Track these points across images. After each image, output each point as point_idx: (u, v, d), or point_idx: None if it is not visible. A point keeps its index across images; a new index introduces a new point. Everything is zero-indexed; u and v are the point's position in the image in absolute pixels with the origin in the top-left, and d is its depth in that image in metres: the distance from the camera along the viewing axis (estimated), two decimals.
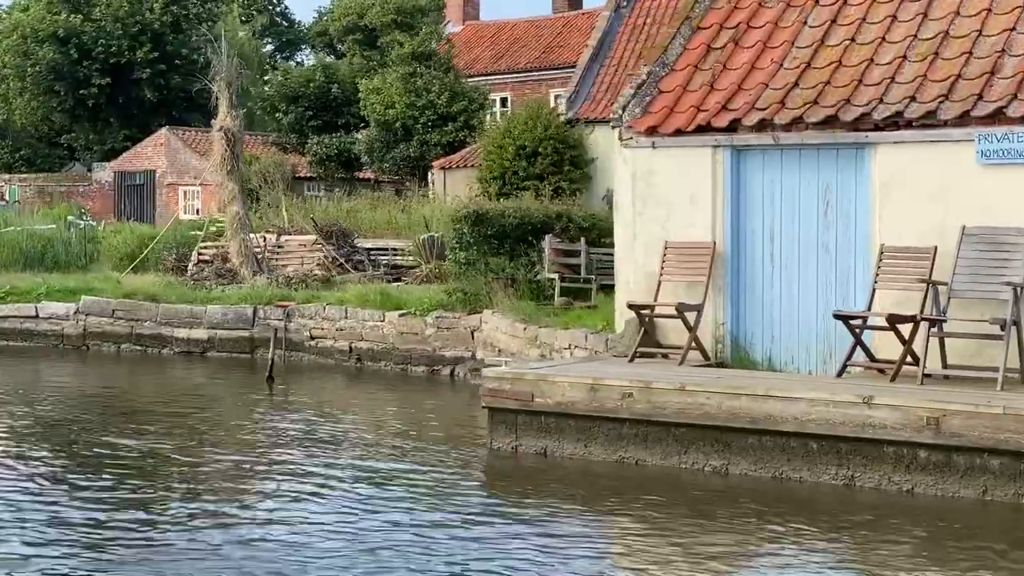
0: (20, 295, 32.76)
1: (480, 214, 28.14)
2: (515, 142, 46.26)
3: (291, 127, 56.77)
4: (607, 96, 47.68)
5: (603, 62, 48.75)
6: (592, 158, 46.97)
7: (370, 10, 79.29)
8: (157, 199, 61.75)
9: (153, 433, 21.01)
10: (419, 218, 41.81)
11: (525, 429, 19.26)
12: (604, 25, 49.51)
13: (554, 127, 46.47)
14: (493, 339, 26.80)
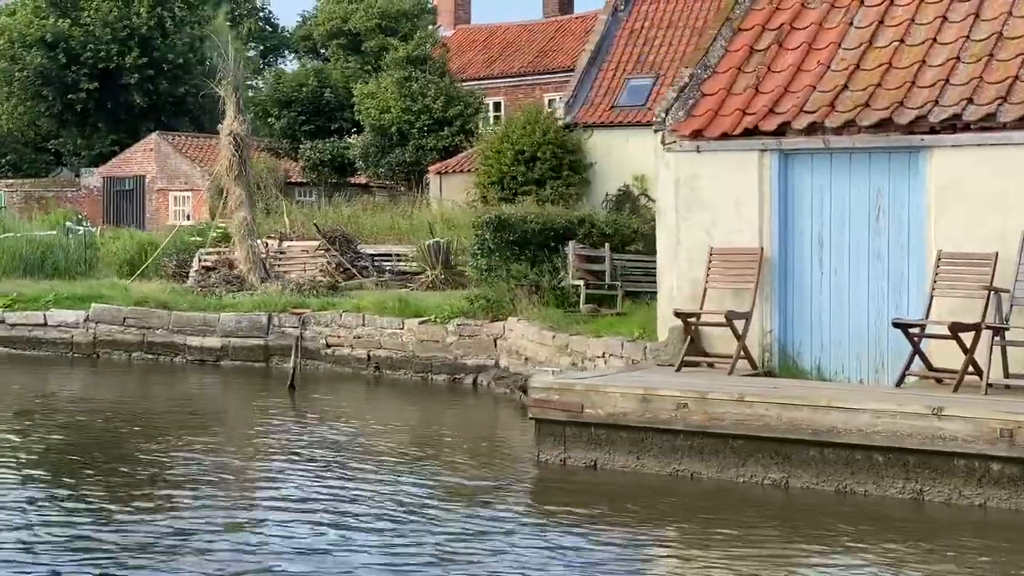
0: (27, 302, 31.94)
1: (502, 220, 27.44)
2: (513, 147, 45.67)
3: (283, 132, 55.95)
4: (605, 100, 47.16)
5: (601, 66, 48.14)
6: (591, 162, 46.38)
7: (354, 15, 78.60)
8: (147, 205, 60.82)
9: (189, 447, 20.22)
10: (420, 223, 41.13)
11: (574, 441, 18.59)
12: (602, 29, 48.90)
13: (553, 131, 45.86)
14: (519, 347, 26.10)
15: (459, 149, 50.12)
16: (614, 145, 46.36)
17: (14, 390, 26.66)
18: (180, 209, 59.96)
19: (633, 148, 45.98)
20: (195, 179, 58.87)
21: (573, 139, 46.42)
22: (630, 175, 46.11)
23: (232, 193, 34.46)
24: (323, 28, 79.44)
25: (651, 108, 45.65)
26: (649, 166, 45.63)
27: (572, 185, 45.73)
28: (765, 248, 19.98)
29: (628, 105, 46.82)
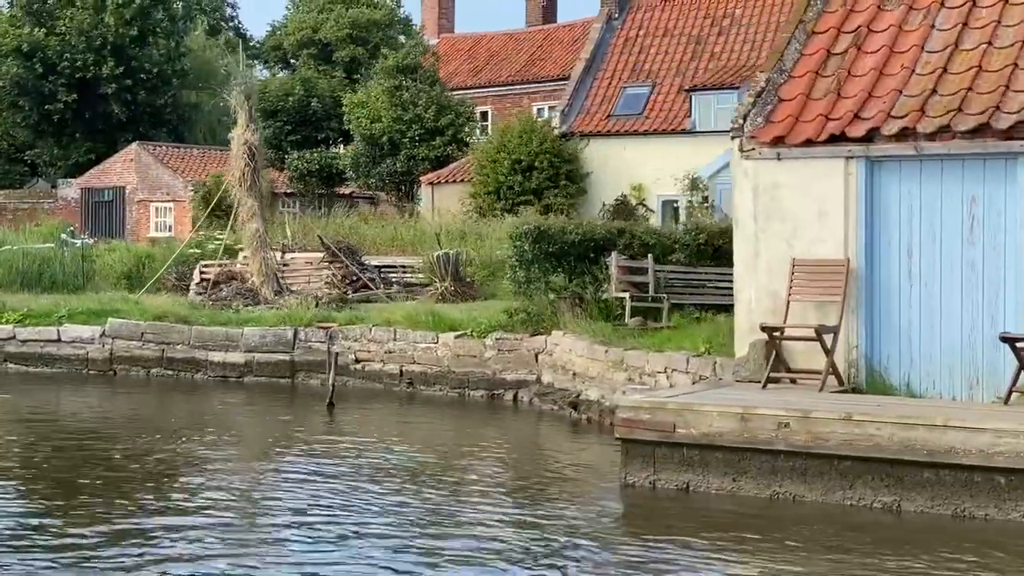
0: (39, 317, 30.56)
1: (541, 230, 26.33)
2: (510, 156, 44.70)
3: (268, 142, 54.52)
4: (601, 109, 46.26)
5: (596, 75, 47.24)
6: (587, 172, 45.39)
7: (324, 24, 77.62)
8: (127, 216, 59.32)
9: (240, 473, 19.01)
10: (423, 234, 40.00)
11: (664, 462, 17.52)
12: (596, 37, 48.03)
13: (549, 141, 44.90)
14: (565, 362, 25.01)
15: (451, 159, 48.97)
16: (611, 154, 45.48)
17: (32, 409, 25.28)
18: (162, 220, 58.51)
19: (630, 157, 45.15)
20: (177, 190, 57.47)
21: (569, 148, 45.52)
22: (627, 185, 45.23)
23: (243, 204, 33.20)
24: (293, 38, 78.48)
25: (647, 116, 44.81)
26: (646, 174, 44.98)
27: (570, 195, 44.78)
28: (851, 259, 18.92)
29: (624, 114, 45.98)
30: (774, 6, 46.18)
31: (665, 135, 44.75)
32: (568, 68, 52.81)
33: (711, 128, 44.00)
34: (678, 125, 44.53)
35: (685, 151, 43.93)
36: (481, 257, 36.99)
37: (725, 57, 45.57)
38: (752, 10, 46.47)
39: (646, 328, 24.38)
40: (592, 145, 45.54)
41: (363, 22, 78.15)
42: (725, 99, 44.18)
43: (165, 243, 42.03)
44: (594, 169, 45.36)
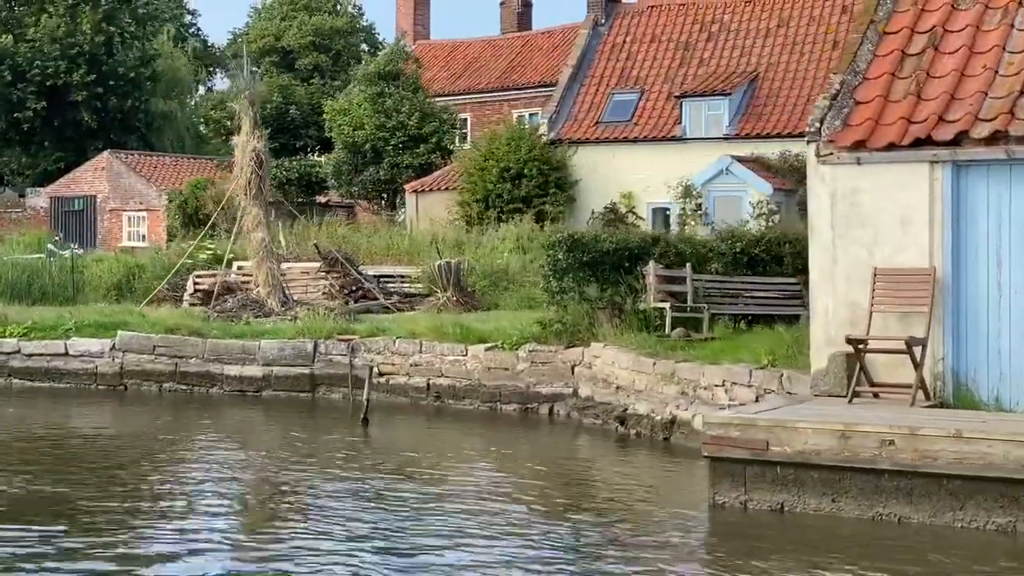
0: (44, 331, 29.15)
1: (575, 239, 25.23)
2: (498, 164, 43.59)
3: None
4: (589, 116, 45.26)
5: (583, 81, 46.19)
6: (575, 180, 44.34)
7: (287, 32, 76.36)
8: (98, 225, 57.74)
9: (341, 498, 17.83)
10: (416, 243, 38.88)
11: (756, 482, 16.49)
12: (583, 43, 46.97)
13: (538, 148, 43.83)
14: (607, 374, 23.94)
15: (434, 167, 47.80)
16: (599, 161, 44.45)
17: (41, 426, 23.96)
18: (135, 230, 56.99)
19: (619, 164, 44.15)
20: (151, 199, 55.98)
21: (558, 156, 44.41)
22: (616, 192, 44.21)
23: (249, 213, 31.97)
24: (255, 45, 77.14)
25: (636, 123, 43.85)
26: (635, 182, 43.96)
27: (559, 203, 43.75)
28: (936, 268, 17.94)
29: (613, 120, 44.96)
30: (763, 12, 45.29)
31: (655, 142, 43.74)
32: (549, 75, 51.82)
33: (702, 135, 43.12)
34: (668, 132, 43.53)
35: (675, 158, 42.95)
36: (482, 267, 35.84)
37: (714, 63, 44.64)
38: (741, 16, 45.56)
39: (690, 340, 23.33)
40: (580, 152, 44.50)
41: (326, 30, 77.06)
42: (716, 105, 43.28)
43: (156, 252, 40.39)
44: (582, 177, 44.31)
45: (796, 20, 44.61)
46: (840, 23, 43.88)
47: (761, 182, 40.64)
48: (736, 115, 42.66)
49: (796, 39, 44.17)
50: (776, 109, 42.64)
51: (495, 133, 46.00)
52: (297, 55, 76.47)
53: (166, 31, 71.79)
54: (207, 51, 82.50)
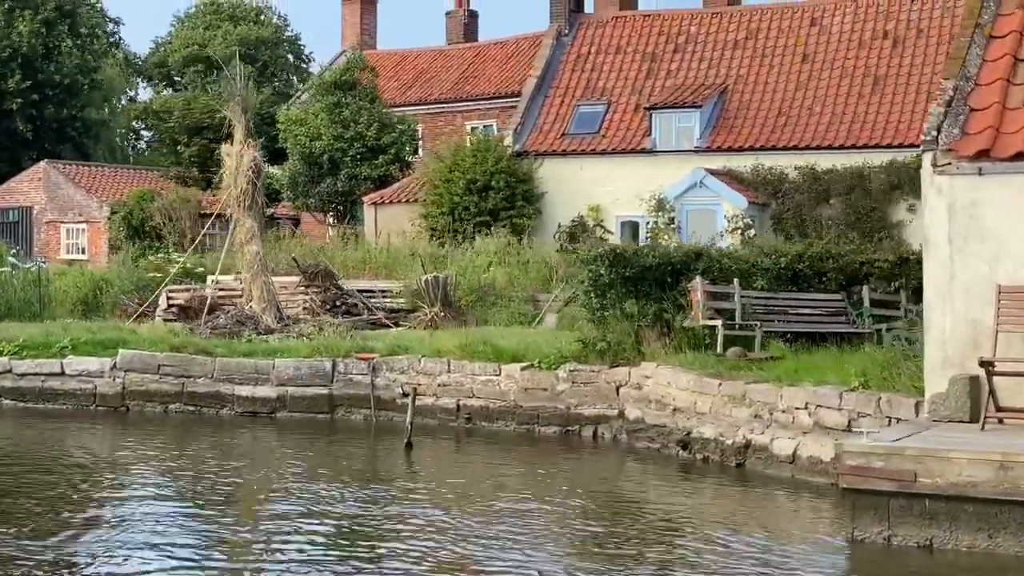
0: (38, 349, 27.11)
1: (618, 253, 23.77)
2: (464, 175, 42.03)
3: (193, 160, 51.13)
4: (555, 127, 43.86)
5: (547, 92, 44.74)
6: (542, 192, 42.89)
7: (212, 41, 74.30)
8: (35, 237, 55.31)
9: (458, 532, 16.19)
10: (395, 257, 37.26)
11: (902, 516, 15.12)
12: (547, 54, 45.54)
13: (505, 160, 42.34)
14: (661, 395, 22.46)
15: (392, 178, 46.10)
16: (566, 174, 43.05)
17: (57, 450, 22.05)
18: (74, 242, 54.64)
19: (587, 177, 42.83)
20: (91, 210, 53.71)
21: (524, 168, 42.94)
22: (584, 205, 42.87)
23: (242, 225, 30.14)
24: (179, 55, 75.10)
25: (604, 135, 42.53)
26: (604, 195, 42.58)
27: (526, 216, 42.28)
28: None
29: (580, 132, 43.57)
30: (731, 24, 44.17)
31: (623, 154, 42.40)
32: (503, 86, 50.32)
33: (672, 147, 41.86)
34: (637, 144, 42.21)
35: (645, 171, 41.70)
36: (468, 281, 34.34)
37: (682, 75, 43.41)
38: (708, 28, 44.41)
39: (750, 359, 21.91)
40: (547, 164, 43.07)
41: (251, 39, 75.11)
42: (687, 117, 42.01)
43: (119, 265, 38.31)
44: (549, 189, 42.89)
45: (764, 32, 43.54)
46: (809, 35, 42.83)
47: (736, 195, 39.50)
48: (707, 128, 41.43)
49: (765, 51, 43.10)
50: (747, 122, 41.49)
51: (459, 144, 44.46)
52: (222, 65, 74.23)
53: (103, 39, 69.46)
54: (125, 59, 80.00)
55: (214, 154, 50.33)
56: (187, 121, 51.13)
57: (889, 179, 38.72)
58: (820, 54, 42.30)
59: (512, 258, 37.33)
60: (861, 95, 40.64)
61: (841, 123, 40.27)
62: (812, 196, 39.60)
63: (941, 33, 41.04)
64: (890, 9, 42.31)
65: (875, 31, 42.02)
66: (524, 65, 50.54)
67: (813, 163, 39.60)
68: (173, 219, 47.88)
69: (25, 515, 16.40)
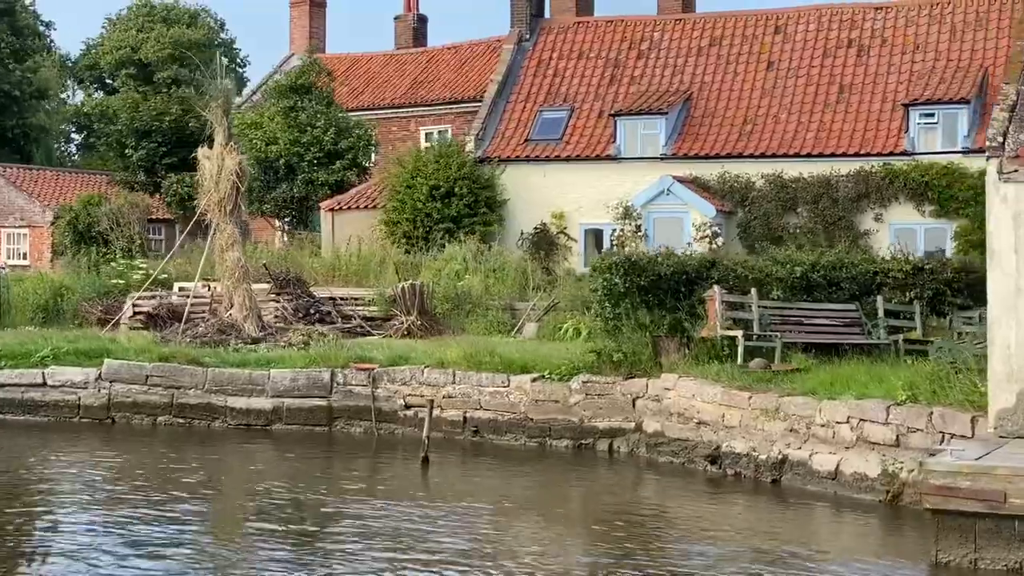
0: (16, 358, 25.80)
1: (632, 261, 22.90)
2: (427, 181, 40.99)
3: (141, 164, 49.68)
4: (517, 133, 42.89)
5: (509, 97, 43.80)
6: (504, 199, 41.95)
7: (145, 44, 72.79)
8: None
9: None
10: (366, 264, 36.18)
11: (989, 539, 14.46)
12: (508, 58, 44.56)
13: (468, 166, 41.39)
14: (684, 408, 21.61)
15: (348, 184, 45.00)
16: (529, 181, 42.11)
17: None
18: (15, 247, 52.98)
19: (550, 184, 41.91)
20: (33, 215, 52.12)
21: (486, 174, 41.99)
22: (547, 212, 41.92)
23: (223, 231, 28.94)
24: (111, 57, 73.53)
25: (568, 141, 41.71)
26: (567, 202, 41.72)
27: (488, 223, 41.34)
28: None
29: (543, 139, 42.62)
30: (694, 31, 43.46)
31: (587, 161, 41.53)
32: (458, 91, 49.37)
33: (637, 154, 41.01)
34: (602, 151, 41.37)
35: (610, 178, 40.90)
36: (443, 289, 33.39)
37: (646, 82, 42.63)
38: (671, 34, 43.66)
39: (776, 371, 21.11)
40: (509, 171, 42.08)
41: (185, 42, 73.65)
42: (652, 124, 41.20)
43: (86, 272, 36.88)
44: (511, 196, 41.92)
45: (728, 39, 42.86)
46: (774, 43, 42.23)
47: (704, 203, 38.80)
48: (672, 135, 40.69)
49: (729, 58, 42.42)
50: (713, 130, 40.78)
51: (420, 150, 43.45)
52: (155, 68, 72.91)
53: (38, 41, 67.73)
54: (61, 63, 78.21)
55: (162, 158, 49.23)
56: (135, 124, 49.62)
57: (856, 188, 38.12)
58: (785, 62, 41.66)
59: (483, 265, 36.38)
60: (827, 103, 40.03)
61: (808, 131, 39.62)
62: (779, 204, 38.92)
63: (905, 42, 40.49)
64: (854, 18, 41.77)
65: (839, 39, 41.45)
66: (479, 70, 49.62)
67: (780, 171, 38.91)
68: (121, 224, 46.38)
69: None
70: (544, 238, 41.79)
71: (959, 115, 37.57)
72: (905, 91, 39.07)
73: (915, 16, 40.94)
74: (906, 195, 37.52)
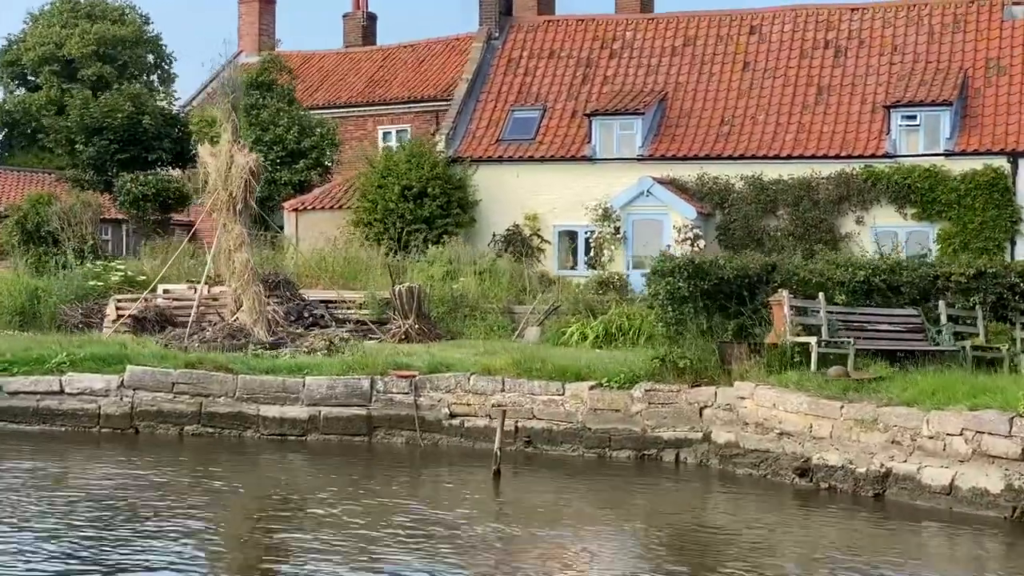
0: (30, 364, 23.98)
1: (697, 264, 21.68)
2: (399, 182, 39.58)
3: (91, 162, 47.55)
4: (488, 133, 41.63)
5: (479, 97, 42.49)
6: (476, 200, 40.63)
7: (69, 40, 70.59)
8: None
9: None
10: (354, 267, 34.65)
11: None
12: (477, 57, 43.25)
13: (440, 167, 40.03)
14: (764, 418, 20.40)
15: (311, 184, 43.40)
16: (502, 181, 40.85)
17: None
18: None
19: (523, 185, 40.67)
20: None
21: (457, 175, 40.66)
22: (520, 214, 40.68)
23: (230, 231, 27.32)
24: (33, 53, 71.10)
25: (541, 142, 40.50)
26: (541, 203, 40.44)
27: (461, 224, 40.04)
28: None
29: (515, 139, 41.35)
30: (667, 30, 42.42)
31: (562, 161, 40.32)
32: (417, 90, 47.98)
33: (613, 155, 39.88)
34: (576, 151, 40.18)
35: (585, 179, 39.75)
36: (438, 292, 32.03)
37: (619, 82, 41.49)
38: (644, 34, 42.58)
39: (857, 379, 19.99)
40: (481, 171, 40.78)
41: (110, 39, 71.43)
42: (628, 124, 40.09)
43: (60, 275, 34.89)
44: (483, 197, 40.60)
45: (703, 39, 41.87)
46: (749, 43, 41.29)
47: (684, 205, 37.80)
48: (648, 135, 39.57)
49: (704, 58, 41.42)
50: (689, 130, 39.77)
51: (388, 149, 42.05)
52: (80, 65, 70.64)
53: None
54: None
55: (114, 156, 47.21)
56: (85, 120, 47.50)
57: (837, 190, 37.35)
58: (760, 63, 40.73)
59: (472, 267, 35.08)
60: (805, 105, 39.16)
61: (787, 133, 38.73)
62: (759, 207, 37.99)
63: (883, 43, 39.76)
64: (830, 19, 40.97)
65: (816, 40, 40.63)
66: (438, 69, 48.28)
67: (759, 173, 37.99)
68: (72, 224, 44.34)
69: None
70: (517, 240, 40.50)
71: (942, 117, 36.93)
72: (884, 93, 38.34)
73: (892, 18, 40.24)
74: (888, 197, 36.78)
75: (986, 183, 35.71)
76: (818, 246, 34.23)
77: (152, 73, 76.03)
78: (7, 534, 15.18)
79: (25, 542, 14.79)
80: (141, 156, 46.99)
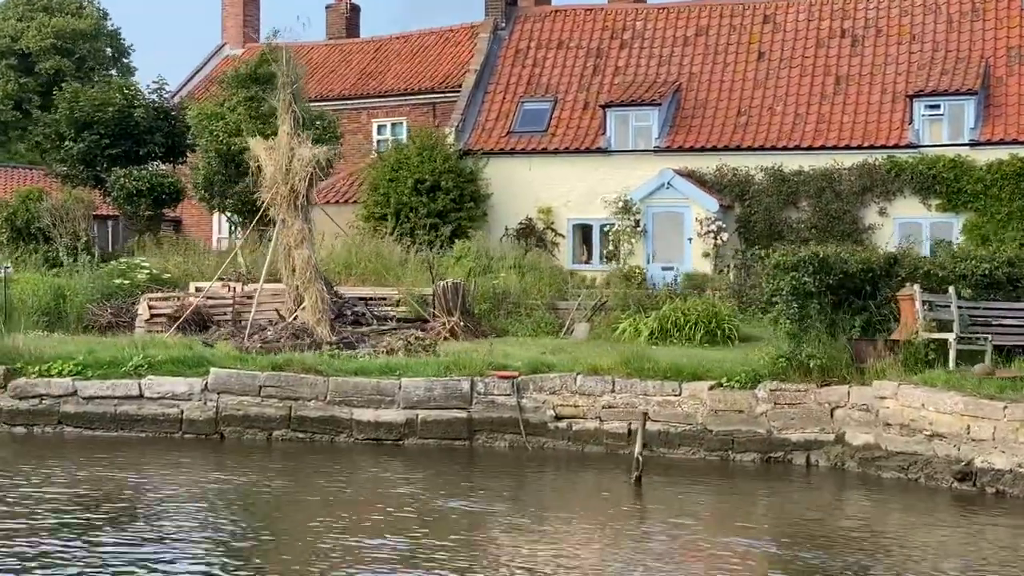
0: (104, 368, 22.24)
1: (822, 258, 20.36)
2: (412, 175, 38.10)
3: (81, 157, 45.49)
4: (499, 125, 40.24)
5: (487, 88, 41.06)
6: (488, 193, 39.22)
7: (26, 33, 68.58)
8: None
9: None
10: (387, 262, 33.10)
11: None
12: (484, 48, 41.82)
13: (452, 159, 38.59)
14: (911, 419, 19.11)
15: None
16: (514, 174, 39.49)
17: None
18: None
19: (536, 177, 39.34)
20: None
21: (468, 167, 39.24)
22: (534, 207, 39.41)
23: (290, 227, 25.64)
24: None
25: (553, 133, 39.16)
26: (554, 196, 39.08)
27: (473, 218, 38.63)
28: None
29: (526, 131, 39.97)
30: (679, 20, 41.18)
31: (575, 154, 39.03)
32: (413, 82, 46.41)
33: (628, 147, 38.60)
34: (591, 143, 38.87)
35: (599, 171, 38.51)
36: (481, 288, 30.64)
37: (631, 72, 40.20)
38: (655, 24, 41.30)
39: (1009, 377, 18.78)
40: (492, 164, 39.39)
41: (68, 32, 69.35)
42: (644, 116, 38.81)
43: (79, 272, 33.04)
44: (495, 190, 39.19)
45: (716, 29, 40.66)
46: (763, 32, 40.13)
47: (705, 198, 36.63)
48: (664, 127, 38.32)
49: (717, 48, 40.23)
50: (706, 121, 38.57)
51: (397, 142, 40.52)
52: (36, 58, 68.54)
53: None
54: None
55: (104, 151, 45.20)
56: (75, 114, 45.42)
57: (860, 181, 36.31)
58: (776, 52, 39.59)
59: (499, 262, 33.69)
60: (824, 95, 38.07)
61: (806, 123, 37.63)
62: (780, 198, 36.89)
63: (901, 32, 38.73)
64: (845, 7, 39.86)
65: (832, 29, 39.53)
66: (433, 61, 46.77)
67: (779, 164, 36.85)
68: (65, 220, 42.41)
69: None
70: (530, 234, 39.18)
71: (966, 106, 36.05)
72: (905, 82, 37.35)
73: (908, 6, 39.24)
74: (912, 188, 35.80)
75: (1012, 173, 34.77)
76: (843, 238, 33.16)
77: (111, 67, 73.98)
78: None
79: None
80: (132, 151, 44.94)
